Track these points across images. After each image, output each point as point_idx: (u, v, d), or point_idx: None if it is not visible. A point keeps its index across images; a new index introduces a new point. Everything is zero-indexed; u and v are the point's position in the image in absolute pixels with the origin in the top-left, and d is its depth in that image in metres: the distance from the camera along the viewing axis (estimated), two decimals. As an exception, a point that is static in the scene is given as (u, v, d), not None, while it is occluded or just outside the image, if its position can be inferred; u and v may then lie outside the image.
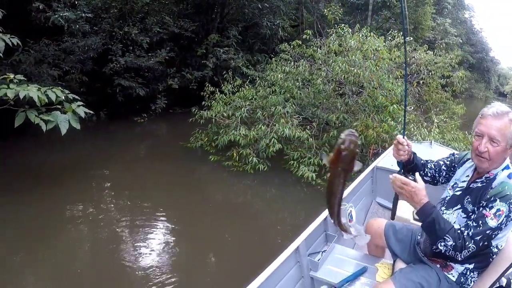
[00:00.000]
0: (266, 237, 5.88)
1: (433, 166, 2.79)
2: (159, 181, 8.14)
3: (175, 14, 15.10)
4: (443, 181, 2.80)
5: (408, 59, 10.49)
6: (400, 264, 2.82)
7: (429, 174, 2.79)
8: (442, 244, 2.24)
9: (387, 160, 5.17)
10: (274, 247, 2.93)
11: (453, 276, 2.50)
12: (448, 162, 2.76)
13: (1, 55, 7.98)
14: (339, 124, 8.74)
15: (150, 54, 13.22)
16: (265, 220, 6.69)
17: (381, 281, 2.73)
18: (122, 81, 12.57)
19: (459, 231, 2.24)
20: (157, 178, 8.31)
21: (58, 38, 12.51)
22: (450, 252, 2.24)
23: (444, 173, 2.76)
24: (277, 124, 8.22)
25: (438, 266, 2.57)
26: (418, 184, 2.27)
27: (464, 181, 2.55)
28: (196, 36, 14.52)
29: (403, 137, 2.66)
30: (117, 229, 6.03)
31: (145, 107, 13.07)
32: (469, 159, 2.62)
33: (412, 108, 9.85)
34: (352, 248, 3.69)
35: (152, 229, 6.03)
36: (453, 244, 2.20)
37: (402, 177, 2.30)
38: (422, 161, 2.82)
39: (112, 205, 7.12)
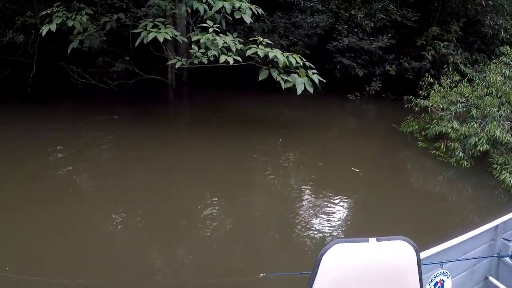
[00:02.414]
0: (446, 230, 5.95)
1: None
2: (359, 155, 9.10)
3: (398, 2, 15.51)
4: None
5: None
6: None
7: None
8: None
9: None
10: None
11: None
12: None
13: (250, 20, 9.65)
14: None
15: (372, 38, 14.13)
16: (454, 215, 6.98)
17: None
18: (344, 59, 13.71)
19: None
20: (359, 152, 9.30)
21: (288, 13, 14.11)
22: None
23: None
24: (489, 125, 8.47)
25: None
26: None
27: None
28: (417, 26, 14.89)
29: None
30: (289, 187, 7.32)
31: (358, 87, 14.04)
32: None
33: None
34: None
35: (330, 198, 6.86)
36: None
37: None
38: None
39: (301, 165, 8.57)
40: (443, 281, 2.97)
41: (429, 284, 2.94)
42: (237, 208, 6.37)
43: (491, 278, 3.49)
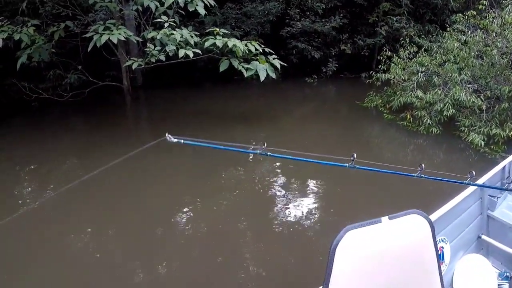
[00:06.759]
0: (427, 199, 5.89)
1: None
2: (327, 135, 9.01)
3: (347, -18, 15.47)
4: None
5: None
6: None
7: None
8: None
9: None
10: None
11: None
12: None
13: (204, 11, 9.38)
14: (510, 98, 8.76)
15: (324, 20, 14.05)
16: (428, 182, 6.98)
17: None
18: (298, 43, 13.64)
19: None
20: (326, 132, 9.20)
21: (238, 3, 13.98)
22: None
23: None
24: (453, 89, 8.49)
25: None
26: None
27: None
28: (367, 3, 14.88)
29: None
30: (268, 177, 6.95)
31: (315, 69, 14.00)
32: None
33: None
34: None
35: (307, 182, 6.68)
36: None
37: None
38: None
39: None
40: (443, 247, 3.04)
41: None
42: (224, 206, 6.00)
43: (483, 237, 3.53)
